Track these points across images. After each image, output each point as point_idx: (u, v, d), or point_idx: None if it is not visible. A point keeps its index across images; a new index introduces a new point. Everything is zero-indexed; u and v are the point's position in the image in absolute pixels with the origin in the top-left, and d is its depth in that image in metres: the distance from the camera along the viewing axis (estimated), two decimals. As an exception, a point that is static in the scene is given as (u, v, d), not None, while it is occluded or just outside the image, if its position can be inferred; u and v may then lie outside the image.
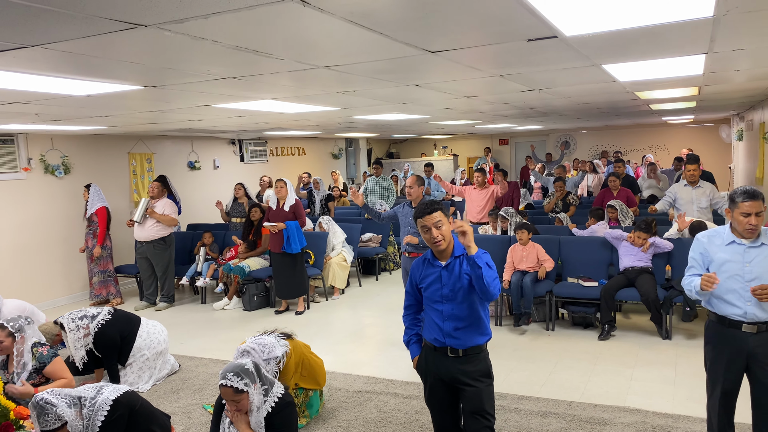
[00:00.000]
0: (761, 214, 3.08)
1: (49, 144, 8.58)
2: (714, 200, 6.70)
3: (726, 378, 3.24)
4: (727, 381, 3.24)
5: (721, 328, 3.23)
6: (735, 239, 3.17)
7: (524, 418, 4.24)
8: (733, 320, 3.17)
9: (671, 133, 16.69)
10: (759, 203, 3.06)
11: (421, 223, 3.07)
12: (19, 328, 4.50)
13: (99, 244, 8.04)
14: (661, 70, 4.86)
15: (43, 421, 3.05)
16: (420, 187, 5.67)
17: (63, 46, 2.95)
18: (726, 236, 3.21)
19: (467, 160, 19.06)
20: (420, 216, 3.07)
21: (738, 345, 3.17)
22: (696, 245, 3.32)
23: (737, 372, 3.22)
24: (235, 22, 2.64)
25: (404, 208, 5.80)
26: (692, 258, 3.33)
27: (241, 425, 3.36)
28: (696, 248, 3.32)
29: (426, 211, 3.06)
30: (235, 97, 5.27)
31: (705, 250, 3.26)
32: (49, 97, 4.65)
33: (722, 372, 3.24)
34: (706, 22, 3.15)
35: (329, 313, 7.48)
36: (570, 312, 6.45)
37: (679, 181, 7.08)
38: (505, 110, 8.23)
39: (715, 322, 3.27)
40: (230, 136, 11.59)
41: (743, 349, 3.16)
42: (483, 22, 2.86)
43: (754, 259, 3.10)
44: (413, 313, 3.41)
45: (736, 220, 3.12)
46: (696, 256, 3.31)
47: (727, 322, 3.20)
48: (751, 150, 10.70)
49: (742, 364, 3.19)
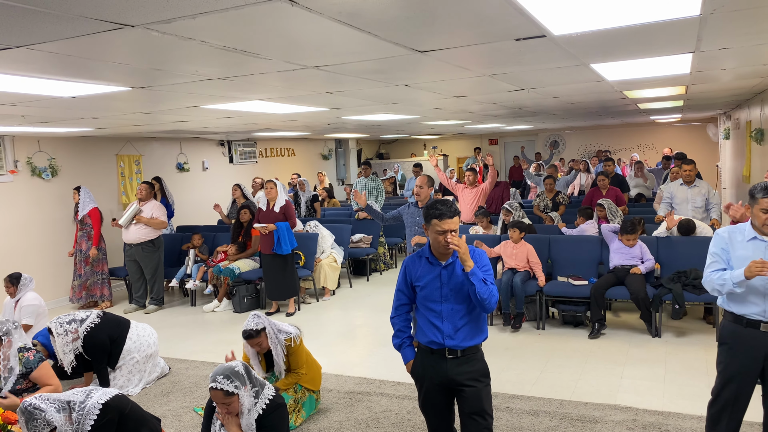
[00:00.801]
0: None
1: (36, 146, 8.50)
2: (710, 202, 6.73)
3: (741, 381, 3.16)
4: (742, 384, 3.16)
5: (738, 327, 3.14)
6: (756, 235, 3.10)
7: (516, 417, 4.25)
8: (751, 319, 3.09)
9: (659, 132, 16.81)
10: None
11: (441, 226, 2.94)
12: (6, 332, 4.44)
13: (95, 245, 7.99)
14: (648, 69, 4.89)
15: (31, 426, 3.02)
16: (430, 188, 5.57)
17: (49, 47, 2.92)
18: (747, 232, 3.13)
19: (457, 160, 19.10)
20: (440, 218, 2.93)
21: (756, 345, 3.10)
22: (717, 240, 3.22)
23: (752, 374, 3.15)
24: (222, 22, 2.62)
25: (410, 208, 5.71)
26: (713, 254, 3.23)
27: (231, 427, 3.34)
28: (717, 243, 3.22)
29: (449, 214, 2.93)
30: (223, 98, 5.25)
31: (726, 245, 3.17)
32: (35, 98, 4.61)
33: (738, 373, 3.16)
34: (693, 21, 3.18)
35: (320, 314, 7.46)
36: (560, 311, 6.47)
37: (669, 181, 7.14)
38: (494, 110, 8.26)
39: (732, 321, 3.19)
40: (219, 138, 11.54)
41: (761, 349, 3.09)
42: (471, 21, 2.86)
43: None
44: (405, 313, 3.29)
45: (756, 216, 3.05)
46: (717, 251, 3.21)
47: (744, 322, 3.12)
48: (738, 148, 10.79)
49: (758, 366, 3.12)
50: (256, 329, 4.15)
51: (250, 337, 4.16)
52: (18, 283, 5.87)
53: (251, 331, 4.14)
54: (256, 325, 4.16)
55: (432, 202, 3.02)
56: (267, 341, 4.21)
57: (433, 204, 2.99)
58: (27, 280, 5.92)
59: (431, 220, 2.97)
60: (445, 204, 2.97)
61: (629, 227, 6.13)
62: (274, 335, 4.22)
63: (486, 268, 3.06)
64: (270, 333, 4.20)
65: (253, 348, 4.26)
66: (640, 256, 6.13)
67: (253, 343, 4.20)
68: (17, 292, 5.87)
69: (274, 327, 4.25)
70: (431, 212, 2.97)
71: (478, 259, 3.07)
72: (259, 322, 4.18)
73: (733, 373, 3.18)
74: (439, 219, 2.93)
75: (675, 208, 6.91)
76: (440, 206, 2.96)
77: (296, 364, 4.33)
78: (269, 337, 4.20)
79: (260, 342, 4.20)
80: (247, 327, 4.16)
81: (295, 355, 4.32)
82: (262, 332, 4.18)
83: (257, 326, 4.16)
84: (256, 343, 4.20)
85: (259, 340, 4.19)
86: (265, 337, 4.20)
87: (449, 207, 2.96)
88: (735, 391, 3.17)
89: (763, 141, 7.76)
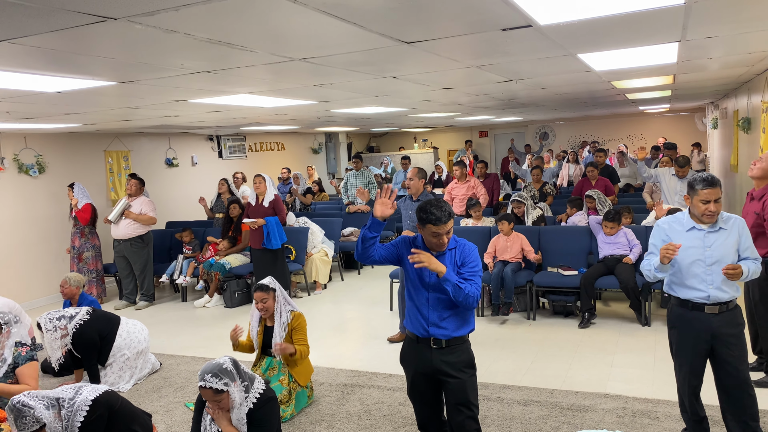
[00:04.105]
0: (719, 201, 3.18)
1: (23, 143, 8.43)
2: None
3: (693, 359, 3.33)
4: (694, 362, 3.34)
5: (684, 311, 3.32)
6: (695, 225, 3.27)
7: (506, 407, 4.27)
8: (696, 303, 3.27)
9: (648, 122, 16.87)
10: (717, 190, 3.17)
11: (435, 230, 2.94)
12: (7, 321, 4.42)
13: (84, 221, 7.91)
14: (635, 59, 4.90)
15: (20, 424, 3.00)
16: (421, 180, 5.55)
17: (31, 41, 2.89)
18: (686, 222, 3.31)
19: (447, 152, 19.10)
20: (435, 223, 2.92)
21: (702, 326, 3.26)
22: (657, 231, 3.41)
23: (702, 353, 3.32)
24: (206, 14, 2.60)
25: (405, 202, 5.71)
26: (653, 244, 3.42)
27: (222, 422, 3.34)
28: (657, 234, 3.40)
29: (444, 219, 2.92)
30: (210, 92, 5.22)
31: (666, 236, 3.34)
32: (19, 94, 4.56)
33: (689, 354, 3.34)
34: (678, 10, 3.18)
35: (312, 308, 7.46)
36: (550, 301, 6.50)
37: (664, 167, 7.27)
38: (483, 102, 8.25)
39: (678, 305, 3.36)
40: (208, 132, 11.48)
41: (707, 331, 3.25)
42: (457, 11, 2.86)
43: (713, 243, 3.22)
44: (375, 240, 3.07)
45: (696, 207, 3.23)
46: (657, 242, 3.39)
47: (690, 305, 3.29)
48: (725, 137, 10.85)
49: (707, 345, 3.29)
50: (268, 285, 4.42)
51: (260, 289, 4.39)
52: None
53: (263, 285, 4.42)
54: (268, 284, 4.43)
55: (425, 206, 2.97)
56: (273, 304, 4.42)
57: (427, 207, 2.95)
58: None
59: (426, 224, 2.95)
60: (440, 207, 2.93)
61: (611, 215, 6.19)
62: (282, 300, 4.45)
63: (473, 264, 3.07)
64: (279, 297, 4.44)
65: (258, 308, 4.41)
66: (628, 245, 6.16)
67: (260, 297, 4.38)
68: None
69: (284, 294, 4.50)
70: (426, 217, 2.94)
71: (468, 254, 3.09)
72: (271, 283, 4.45)
73: (685, 355, 3.36)
74: (435, 225, 2.93)
75: (664, 197, 6.96)
76: (435, 211, 2.92)
77: (301, 339, 4.43)
78: (277, 301, 4.43)
79: (267, 299, 4.39)
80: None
81: (299, 330, 4.45)
82: (272, 292, 4.42)
83: (270, 284, 4.43)
84: (262, 299, 4.38)
85: (267, 297, 4.39)
86: (272, 299, 4.41)
87: (444, 211, 2.93)
88: (688, 370, 3.36)
89: (750, 130, 7.80)
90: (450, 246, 3.09)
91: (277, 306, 4.43)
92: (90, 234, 8.10)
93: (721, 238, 3.22)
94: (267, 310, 4.41)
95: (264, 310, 4.41)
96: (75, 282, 5.56)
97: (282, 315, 4.42)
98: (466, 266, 3.06)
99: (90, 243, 8.08)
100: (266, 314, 4.45)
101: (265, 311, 4.41)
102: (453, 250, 3.10)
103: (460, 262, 3.06)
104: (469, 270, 3.04)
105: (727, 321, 3.25)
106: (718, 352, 3.28)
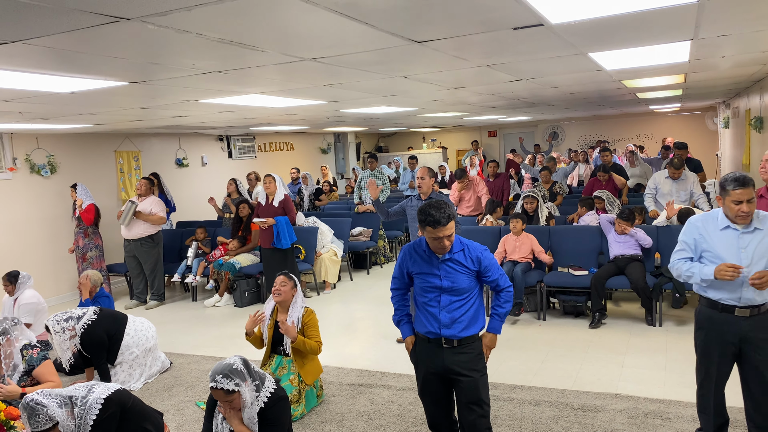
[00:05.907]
0: (752, 201, 3.05)
1: (35, 143, 8.49)
2: (694, 193, 6.72)
3: (719, 362, 3.23)
4: (721, 365, 3.23)
5: (713, 312, 3.21)
6: (729, 224, 3.13)
7: (517, 407, 4.26)
8: (726, 305, 3.15)
9: (658, 121, 16.78)
10: (749, 190, 3.03)
11: (434, 234, 2.93)
12: (3, 331, 4.44)
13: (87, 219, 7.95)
14: (646, 57, 4.87)
15: (34, 422, 3.02)
16: (431, 179, 5.50)
17: (45, 42, 2.91)
18: (720, 221, 3.17)
19: (456, 152, 19.06)
20: (434, 226, 2.90)
21: (730, 329, 3.15)
22: (690, 229, 3.27)
23: (730, 356, 3.21)
24: (218, 14, 2.61)
25: (413, 201, 5.68)
26: (683, 241, 3.28)
27: (233, 421, 3.35)
28: (689, 232, 3.26)
29: (440, 222, 2.90)
30: (221, 92, 5.24)
31: (700, 235, 3.21)
32: (32, 94, 4.60)
33: (715, 356, 3.23)
34: (691, 8, 3.16)
35: (321, 307, 7.47)
36: (561, 301, 6.48)
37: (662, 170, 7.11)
38: (493, 101, 8.23)
39: (707, 306, 3.25)
40: (218, 132, 11.52)
41: (736, 333, 3.14)
42: (468, 10, 2.85)
43: (748, 244, 3.08)
44: (401, 294, 3.38)
45: (728, 208, 3.09)
46: (688, 240, 3.26)
47: (719, 307, 3.18)
48: (737, 137, 10.77)
49: (735, 348, 3.18)
50: (290, 275, 4.55)
51: (284, 274, 4.54)
52: (16, 281, 5.87)
53: (285, 272, 4.56)
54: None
55: (425, 207, 2.95)
56: (291, 294, 4.49)
57: (427, 209, 2.93)
58: (25, 278, 5.93)
59: (425, 227, 2.95)
60: (439, 210, 2.91)
61: (626, 214, 6.13)
62: (300, 294, 4.54)
63: (492, 264, 3.14)
64: (298, 290, 4.55)
65: (275, 290, 4.47)
66: (639, 244, 6.12)
67: (282, 281, 4.48)
68: (15, 291, 5.87)
69: (301, 292, 4.61)
70: (425, 219, 2.93)
71: (483, 257, 3.12)
72: (293, 276, 4.58)
73: (711, 357, 3.26)
74: (433, 227, 2.92)
75: (658, 200, 6.87)
76: (434, 213, 2.90)
77: (313, 335, 4.47)
78: (295, 295, 4.51)
79: (287, 285, 4.48)
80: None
81: (311, 326, 4.48)
82: (293, 282, 4.53)
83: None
84: (282, 283, 4.47)
85: (288, 283, 4.50)
86: (291, 289, 4.49)
87: (443, 213, 2.91)
88: (715, 373, 3.26)
89: (762, 129, 7.74)
90: (457, 249, 3.09)
91: (294, 300, 4.49)
92: (93, 234, 8.15)
93: (757, 238, 3.08)
94: (283, 295, 4.45)
95: (280, 294, 4.45)
96: (94, 280, 5.71)
97: (297, 307, 4.48)
98: (489, 271, 3.12)
99: (93, 243, 8.13)
100: (280, 300, 4.47)
101: (280, 296, 4.45)
102: (463, 251, 3.10)
103: (477, 266, 3.10)
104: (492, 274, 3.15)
105: (757, 324, 3.11)
106: (747, 357, 3.17)
